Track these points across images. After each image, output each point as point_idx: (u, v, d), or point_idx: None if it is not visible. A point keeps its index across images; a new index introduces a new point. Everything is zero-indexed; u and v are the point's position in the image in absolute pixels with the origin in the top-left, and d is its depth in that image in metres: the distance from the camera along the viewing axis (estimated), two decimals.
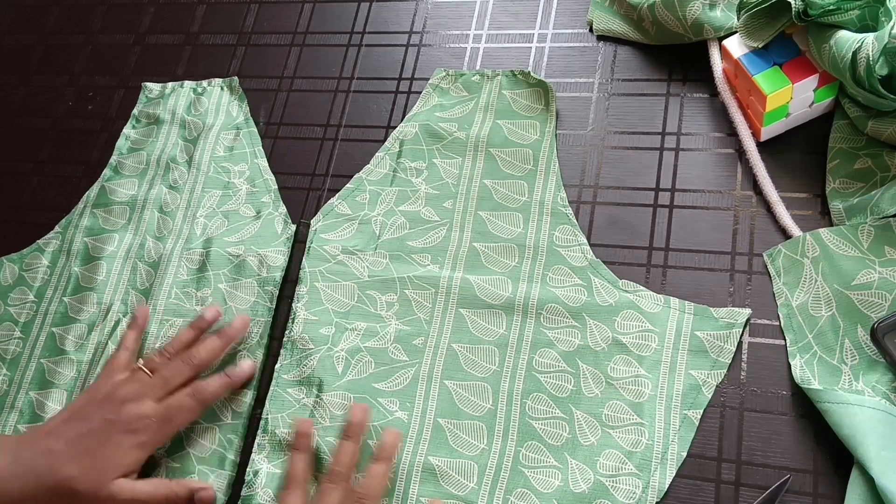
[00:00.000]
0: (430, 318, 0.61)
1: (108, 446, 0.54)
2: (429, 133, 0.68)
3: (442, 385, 0.58)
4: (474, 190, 0.65)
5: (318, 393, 0.60)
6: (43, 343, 0.67)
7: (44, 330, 0.68)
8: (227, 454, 0.59)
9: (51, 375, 0.65)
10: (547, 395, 0.57)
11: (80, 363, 0.65)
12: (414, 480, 0.56)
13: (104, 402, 0.56)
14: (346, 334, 0.61)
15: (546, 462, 0.55)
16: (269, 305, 0.64)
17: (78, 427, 0.55)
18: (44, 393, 0.65)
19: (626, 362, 0.56)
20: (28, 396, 0.65)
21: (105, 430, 0.55)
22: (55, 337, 0.67)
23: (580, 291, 0.59)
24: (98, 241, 0.71)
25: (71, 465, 0.53)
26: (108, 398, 0.56)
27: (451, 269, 0.62)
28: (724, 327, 0.56)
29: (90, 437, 0.55)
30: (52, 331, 0.67)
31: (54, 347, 0.67)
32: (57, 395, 0.64)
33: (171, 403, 0.57)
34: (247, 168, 0.71)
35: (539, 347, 0.58)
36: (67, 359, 0.66)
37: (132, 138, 0.76)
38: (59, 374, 0.65)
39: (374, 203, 0.66)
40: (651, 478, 0.53)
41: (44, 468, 0.53)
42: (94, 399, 0.57)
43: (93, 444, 0.54)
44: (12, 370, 0.67)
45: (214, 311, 0.63)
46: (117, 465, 0.54)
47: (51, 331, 0.67)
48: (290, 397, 0.60)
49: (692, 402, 0.54)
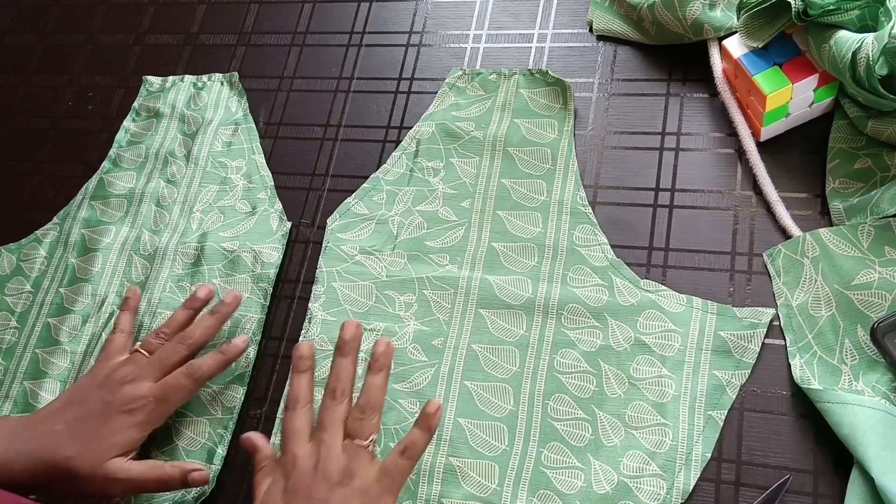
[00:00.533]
0: (449, 318, 0.61)
1: (106, 427, 0.55)
2: (446, 132, 0.68)
3: (462, 386, 0.58)
4: (492, 189, 0.65)
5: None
6: (38, 333, 0.68)
7: (39, 320, 0.68)
8: (216, 448, 0.60)
9: (45, 366, 0.66)
10: (569, 395, 0.56)
11: (73, 354, 0.66)
12: (435, 481, 0.55)
13: (102, 384, 0.57)
14: (365, 335, 0.61)
15: (569, 463, 0.55)
16: (263, 302, 0.64)
17: (77, 409, 0.56)
18: (37, 383, 0.65)
19: (649, 362, 0.56)
20: (22, 386, 0.65)
21: (103, 411, 0.56)
22: (50, 327, 0.67)
23: (601, 291, 0.59)
24: (95, 232, 0.71)
25: (69, 445, 0.54)
26: (106, 380, 0.57)
27: (469, 270, 0.62)
28: (747, 327, 0.56)
29: (88, 418, 0.55)
30: (48, 321, 0.68)
31: (49, 338, 0.67)
32: (50, 386, 0.65)
33: (167, 383, 0.58)
34: (244, 164, 0.71)
35: (560, 348, 0.58)
36: (61, 349, 0.66)
37: (132, 131, 0.76)
38: (53, 364, 0.66)
39: (392, 203, 0.66)
40: (675, 479, 0.53)
41: (43, 448, 0.54)
42: (92, 381, 0.58)
43: (91, 425, 0.55)
44: (7, 360, 0.67)
45: (207, 289, 0.63)
46: (114, 445, 0.55)
47: (46, 321, 0.68)
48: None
49: (716, 403, 0.54)
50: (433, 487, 0.55)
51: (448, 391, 0.58)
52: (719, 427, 0.54)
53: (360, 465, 0.52)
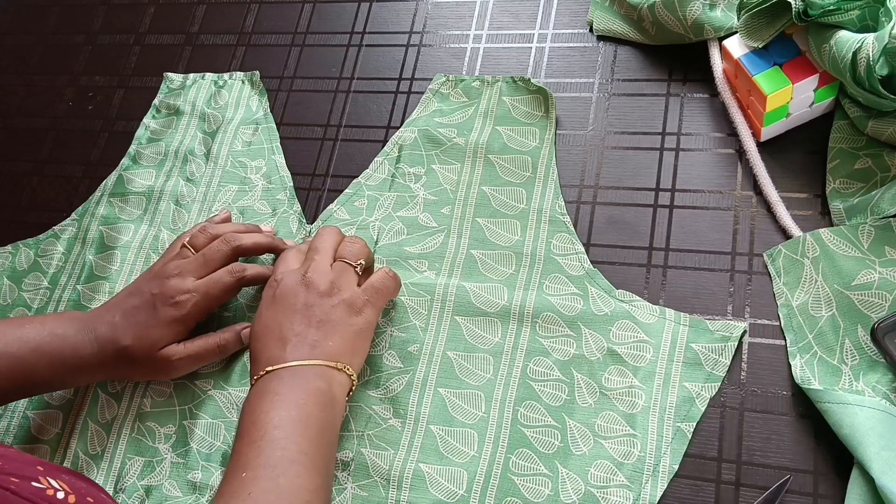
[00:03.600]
0: (425, 325, 0.60)
1: (155, 318, 0.59)
2: (428, 138, 0.67)
3: (436, 392, 0.58)
4: (472, 196, 0.65)
5: None
6: None
7: None
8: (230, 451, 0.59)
9: None
10: (540, 403, 0.56)
11: None
12: (404, 487, 0.55)
13: (154, 277, 0.61)
14: None
15: (537, 470, 0.54)
16: None
17: (132, 300, 0.60)
18: None
19: (620, 373, 0.56)
20: None
21: (152, 302, 0.59)
22: None
23: (576, 300, 0.59)
24: (113, 230, 0.71)
25: (126, 334, 0.59)
26: (157, 274, 0.61)
27: (447, 276, 0.62)
28: (719, 340, 0.56)
29: (141, 309, 0.60)
30: None
31: None
32: None
33: (211, 278, 0.61)
34: (264, 164, 0.71)
35: (534, 355, 0.58)
36: None
37: (151, 128, 0.76)
38: None
39: (373, 208, 0.66)
40: (642, 490, 0.52)
41: (106, 337, 0.59)
42: (147, 274, 0.62)
43: (143, 315, 0.59)
44: None
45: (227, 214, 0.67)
46: (163, 336, 0.59)
47: None
48: None
49: (685, 415, 0.54)
50: (402, 493, 0.55)
51: (422, 398, 0.58)
52: (688, 439, 0.53)
53: (347, 280, 0.57)
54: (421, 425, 0.57)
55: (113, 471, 0.61)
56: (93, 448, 0.62)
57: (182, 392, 0.62)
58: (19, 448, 0.64)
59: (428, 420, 0.57)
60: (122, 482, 0.60)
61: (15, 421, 0.65)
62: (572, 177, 0.64)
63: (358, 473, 0.57)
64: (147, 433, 0.62)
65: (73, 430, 0.63)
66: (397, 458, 0.56)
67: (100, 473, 0.61)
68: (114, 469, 0.61)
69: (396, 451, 0.57)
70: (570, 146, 0.66)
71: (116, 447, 0.62)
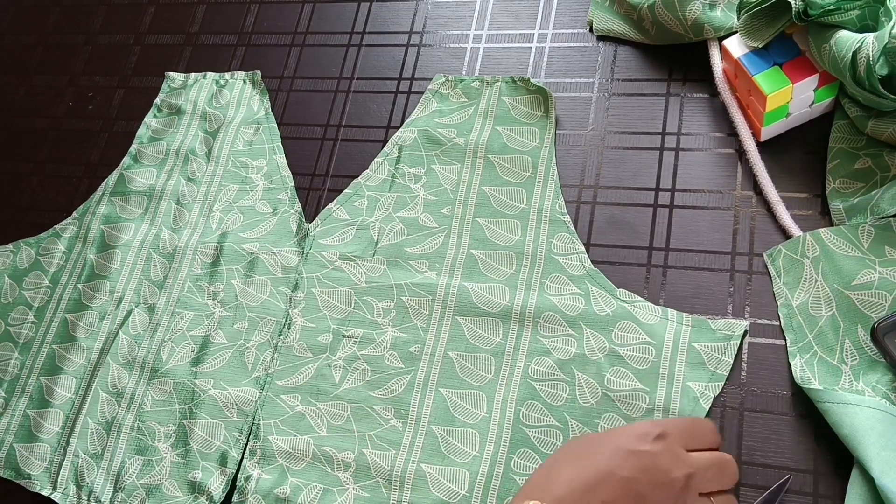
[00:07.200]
0: (426, 325, 0.61)
1: None
2: (428, 139, 0.68)
3: (437, 393, 0.58)
4: (473, 196, 0.65)
5: (312, 401, 0.60)
6: (55, 329, 0.68)
7: (57, 316, 0.68)
8: (230, 451, 0.60)
9: (60, 361, 0.66)
10: (542, 402, 0.56)
11: (90, 351, 0.66)
12: (406, 487, 0.55)
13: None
14: (344, 342, 0.61)
15: None
16: (283, 307, 0.64)
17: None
18: (52, 378, 0.65)
19: (622, 374, 0.56)
20: (38, 381, 0.66)
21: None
22: (67, 323, 0.67)
23: (577, 300, 0.59)
24: (114, 229, 0.71)
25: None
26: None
27: (448, 277, 0.62)
28: (721, 339, 0.56)
29: None
30: (65, 317, 0.68)
31: (66, 334, 0.67)
32: (65, 382, 0.65)
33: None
34: (265, 164, 0.71)
35: (535, 355, 0.58)
36: (78, 346, 0.66)
37: (153, 127, 0.76)
38: (69, 360, 0.66)
39: (373, 209, 0.66)
40: None
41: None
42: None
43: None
44: (24, 354, 0.67)
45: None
46: None
47: (63, 317, 0.68)
48: (284, 404, 0.60)
49: (689, 415, 0.54)
50: (403, 493, 0.55)
51: (423, 398, 0.58)
52: None
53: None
54: (422, 425, 0.57)
55: (113, 470, 0.61)
56: (93, 447, 0.62)
57: (182, 392, 0.62)
58: (19, 447, 0.64)
59: (429, 420, 0.57)
60: (121, 481, 0.60)
61: (15, 420, 0.65)
62: (572, 177, 0.64)
63: (360, 474, 0.57)
64: (147, 433, 0.62)
65: (74, 429, 0.63)
66: (399, 458, 0.56)
67: (100, 473, 0.61)
68: (114, 468, 0.61)
69: (398, 451, 0.57)
70: (570, 146, 0.66)
71: (116, 446, 0.62)
